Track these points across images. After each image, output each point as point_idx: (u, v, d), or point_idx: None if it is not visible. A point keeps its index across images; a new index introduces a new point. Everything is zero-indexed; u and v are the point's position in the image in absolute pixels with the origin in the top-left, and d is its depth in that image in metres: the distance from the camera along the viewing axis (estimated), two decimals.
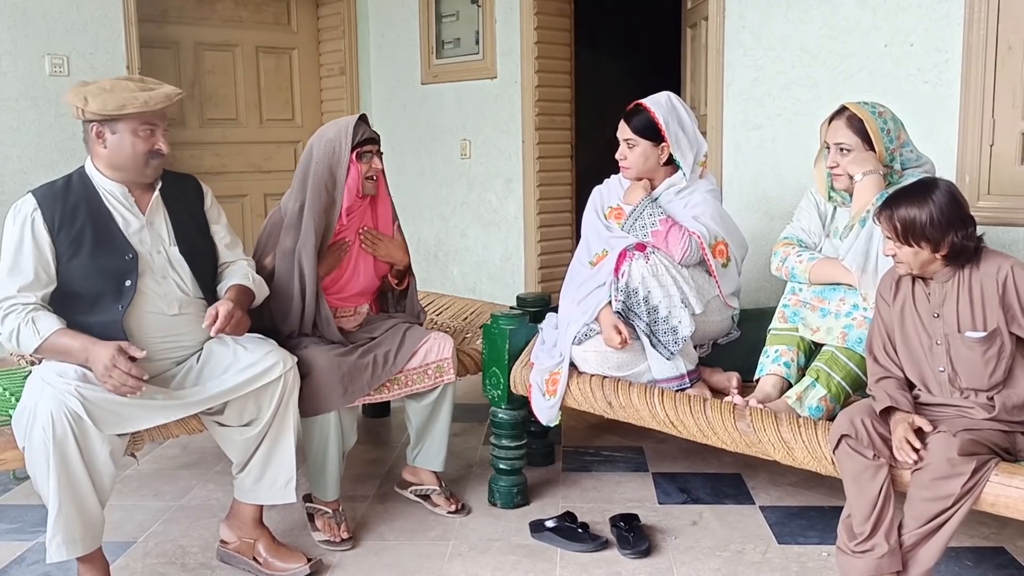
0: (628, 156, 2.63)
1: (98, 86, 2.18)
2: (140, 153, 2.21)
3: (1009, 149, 2.90)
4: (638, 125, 2.59)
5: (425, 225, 5.11)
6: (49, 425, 1.94)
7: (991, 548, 2.43)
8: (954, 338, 1.99)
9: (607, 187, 2.78)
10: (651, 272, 2.39)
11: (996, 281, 1.95)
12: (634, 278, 2.40)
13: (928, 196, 1.95)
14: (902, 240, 1.97)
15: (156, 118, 2.22)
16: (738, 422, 2.19)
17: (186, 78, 4.79)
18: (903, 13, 3.08)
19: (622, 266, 2.43)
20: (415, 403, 2.69)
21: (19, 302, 2.10)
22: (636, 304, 2.40)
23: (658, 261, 2.40)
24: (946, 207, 1.93)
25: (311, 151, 2.59)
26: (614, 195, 2.74)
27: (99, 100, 2.14)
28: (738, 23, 3.53)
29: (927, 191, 1.96)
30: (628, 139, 2.62)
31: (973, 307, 1.97)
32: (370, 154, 2.59)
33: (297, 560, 2.34)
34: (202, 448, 3.23)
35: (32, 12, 3.94)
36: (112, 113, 2.15)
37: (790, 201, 3.40)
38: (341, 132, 2.56)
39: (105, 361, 2.02)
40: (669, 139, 2.57)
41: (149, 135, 2.21)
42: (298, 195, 2.58)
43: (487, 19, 4.58)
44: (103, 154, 2.21)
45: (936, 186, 1.98)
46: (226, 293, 2.34)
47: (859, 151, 2.34)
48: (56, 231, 2.15)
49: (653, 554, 2.43)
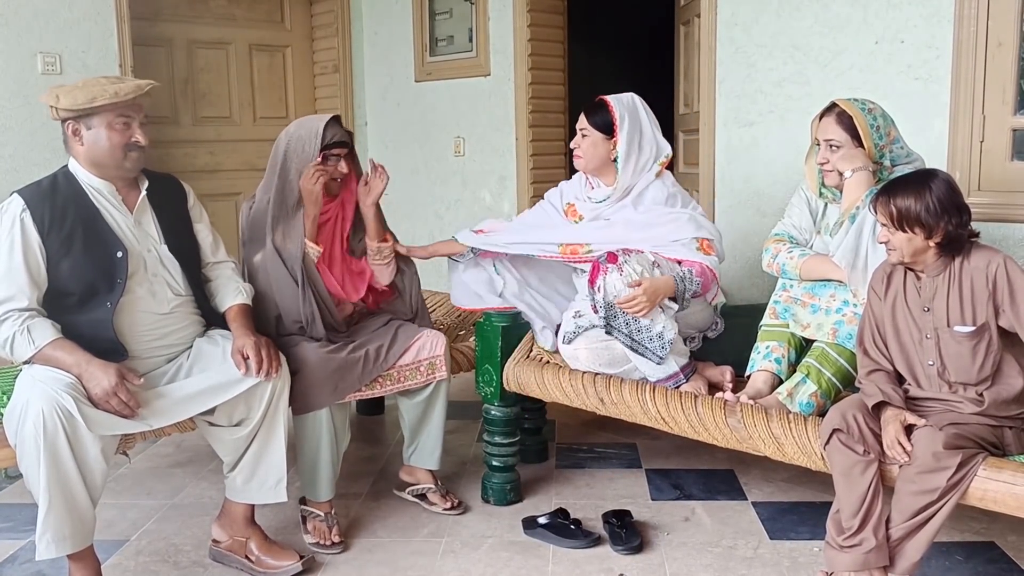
0: (580, 145, 2.65)
1: (71, 85, 2.19)
2: (117, 146, 2.20)
3: (999, 145, 2.91)
4: (593, 116, 2.61)
5: (419, 223, 5.10)
6: (40, 422, 1.94)
7: (981, 543, 2.44)
8: (943, 332, 2.00)
9: (568, 184, 2.79)
10: (626, 283, 2.34)
11: (986, 275, 1.96)
12: (610, 292, 2.36)
13: (926, 183, 1.97)
14: (896, 225, 1.98)
15: (130, 110, 2.21)
16: (729, 418, 2.20)
17: (179, 76, 4.78)
18: (894, 10, 3.09)
19: (596, 280, 2.40)
20: (408, 400, 2.70)
21: (14, 308, 2.08)
22: (614, 316, 2.37)
23: (631, 271, 2.36)
24: (943, 195, 1.95)
25: (279, 147, 2.60)
26: (573, 191, 2.75)
27: (70, 96, 2.14)
28: (730, 20, 3.53)
29: (925, 178, 1.99)
30: (583, 128, 2.64)
31: (963, 301, 1.99)
32: (337, 157, 2.60)
33: (289, 558, 2.34)
34: (195, 447, 3.23)
35: (24, 10, 3.93)
36: (84, 107, 2.14)
37: (782, 198, 3.40)
38: (310, 134, 2.56)
39: (105, 387, 2.02)
40: (619, 135, 2.57)
41: (125, 127, 2.21)
42: (266, 190, 2.60)
43: (480, 16, 4.58)
44: (82, 151, 2.21)
45: (934, 175, 2.00)
46: (229, 316, 2.35)
47: (848, 147, 2.35)
48: (47, 231, 2.13)
49: (645, 550, 2.44)
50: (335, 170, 2.60)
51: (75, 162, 2.24)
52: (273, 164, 2.59)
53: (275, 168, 2.58)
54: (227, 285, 2.44)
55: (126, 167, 2.25)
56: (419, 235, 5.12)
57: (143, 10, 4.46)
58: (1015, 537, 2.45)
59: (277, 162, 2.58)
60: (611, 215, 2.61)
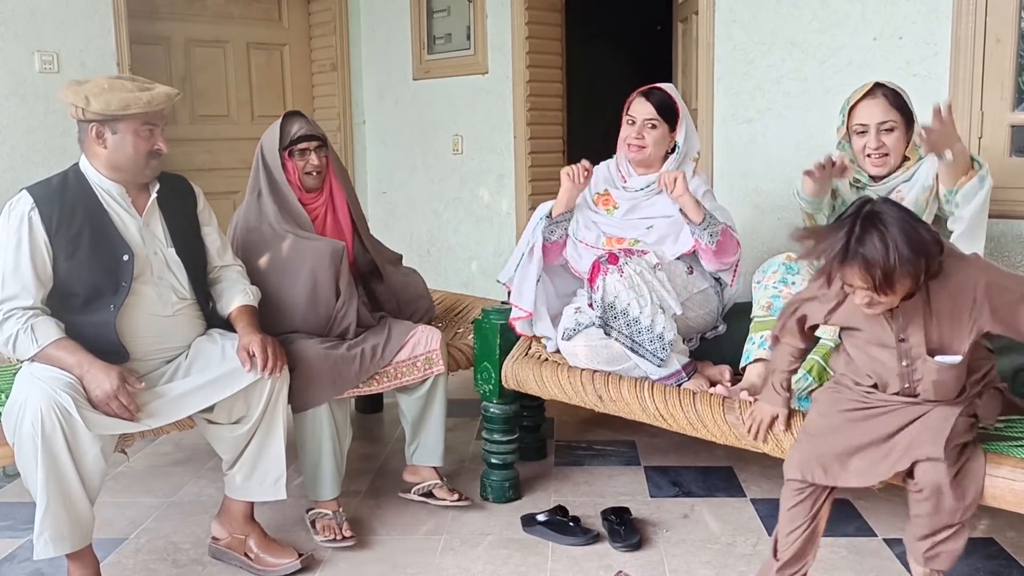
0: (645, 136, 2.52)
1: (96, 85, 2.16)
2: (141, 153, 2.20)
3: (998, 141, 2.91)
4: (662, 108, 2.51)
5: (417, 221, 5.11)
6: (38, 420, 1.94)
7: (980, 539, 2.44)
8: (923, 362, 1.80)
9: (599, 172, 2.73)
10: (626, 285, 2.34)
11: (973, 297, 1.75)
12: (609, 292, 2.36)
13: (884, 233, 1.66)
14: (881, 291, 1.70)
15: (156, 118, 2.22)
16: (727, 415, 2.20)
17: (177, 74, 4.78)
18: (892, 6, 3.09)
19: (596, 280, 2.39)
20: (407, 396, 2.70)
21: (18, 306, 2.08)
22: (614, 317, 2.37)
23: (632, 272, 2.35)
24: (913, 239, 1.67)
25: (257, 152, 2.67)
26: (601, 180, 2.72)
27: (101, 100, 2.12)
28: (728, 17, 3.53)
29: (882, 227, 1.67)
30: (651, 119, 2.51)
31: (943, 328, 1.78)
32: (306, 151, 2.63)
33: (288, 556, 2.34)
34: (194, 445, 3.23)
35: (21, 8, 3.92)
36: (115, 113, 2.14)
37: (780, 195, 3.41)
38: (273, 130, 2.65)
39: (107, 389, 2.02)
40: (679, 127, 2.52)
41: (149, 135, 2.21)
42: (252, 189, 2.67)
43: (478, 14, 4.58)
44: (102, 154, 2.20)
45: (884, 219, 1.68)
46: (235, 315, 2.36)
47: (900, 127, 2.30)
48: (54, 230, 2.12)
49: (644, 547, 2.44)
50: (307, 164, 2.64)
51: (87, 162, 2.23)
52: (256, 166, 2.66)
53: (256, 167, 2.65)
54: (234, 287, 2.44)
55: (146, 174, 2.25)
56: (417, 234, 5.12)
57: (141, 8, 4.46)
58: (1014, 533, 2.46)
59: (258, 162, 2.65)
60: (648, 206, 2.60)
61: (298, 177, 2.64)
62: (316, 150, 2.65)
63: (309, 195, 2.69)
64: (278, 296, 2.55)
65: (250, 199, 2.67)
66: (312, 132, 2.65)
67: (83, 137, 2.21)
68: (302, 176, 2.64)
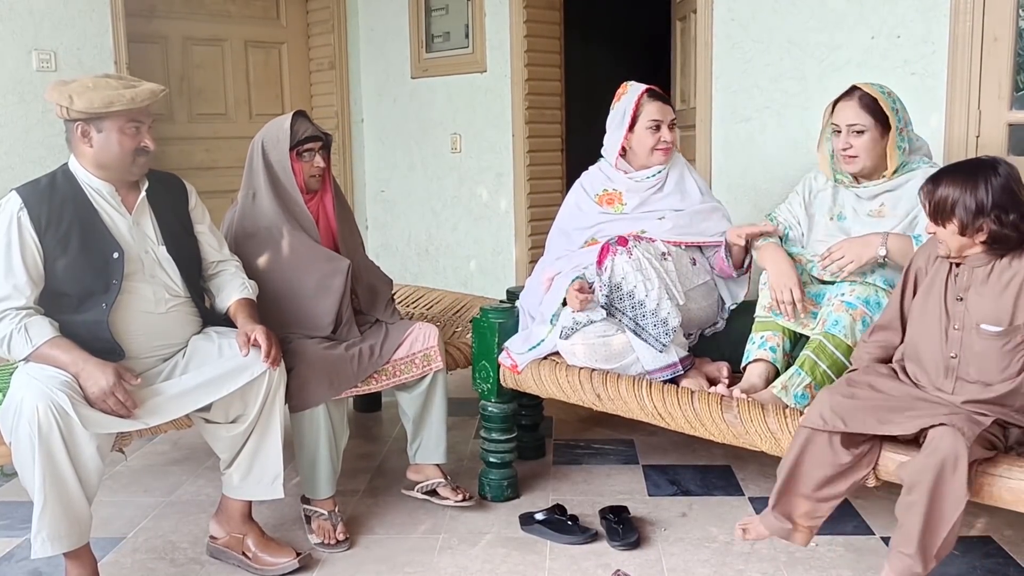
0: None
1: (80, 84, 2.16)
2: (127, 151, 2.19)
3: (995, 140, 2.91)
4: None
5: (416, 219, 5.10)
6: (35, 419, 1.93)
7: (978, 537, 2.44)
8: (970, 328, 1.90)
9: (588, 179, 2.76)
10: (634, 267, 2.38)
11: None
12: (617, 273, 2.39)
13: (977, 174, 1.81)
14: (931, 219, 1.86)
15: (142, 115, 2.21)
16: (725, 413, 2.20)
17: (174, 73, 4.77)
18: (890, 5, 3.09)
19: (604, 261, 2.42)
20: (406, 394, 2.69)
21: (11, 306, 2.07)
22: (619, 299, 2.39)
23: (640, 255, 2.39)
24: (994, 188, 1.79)
25: (255, 148, 2.62)
26: (598, 183, 2.72)
27: (85, 98, 2.12)
28: (726, 15, 3.53)
29: (977, 168, 1.83)
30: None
31: (1000, 299, 1.86)
32: (312, 152, 2.62)
33: (286, 555, 2.34)
34: (192, 444, 3.22)
35: (19, 7, 3.92)
36: (99, 111, 2.13)
37: (779, 193, 3.40)
38: (280, 130, 2.60)
39: (103, 386, 2.02)
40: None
41: (135, 132, 2.20)
42: (248, 186, 2.63)
43: (477, 12, 4.58)
44: (89, 153, 2.19)
45: (991, 165, 1.83)
46: (234, 309, 2.36)
47: (872, 131, 2.33)
48: (43, 231, 2.12)
49: (642, 546, 2.44)
50: (311, 165, 2.62)
51: (76, 161, 2.22)
52: (253, 166, 2.61)
53: (255, 168, 2.60)
54: (232, 281, 2.43)
55: (133, 171, 2.24)
56: (415, 232, 5.12)
57: (138, 7, 4.46)
58: (1011, 532, 2.46)
59: (258, 162, 2.60)
60: (656, 200, 2.63)
61: (303, 180, 2.61)
62: (320, 151, 2.65)
63: (306, 195, 2.67)
64: (281, 295, 2.54)
65: (244, 202, 2.63)
66: (316, 133, 2.62)
67: (70, 136, 2.20)
68: (307, 179, 2.61)
